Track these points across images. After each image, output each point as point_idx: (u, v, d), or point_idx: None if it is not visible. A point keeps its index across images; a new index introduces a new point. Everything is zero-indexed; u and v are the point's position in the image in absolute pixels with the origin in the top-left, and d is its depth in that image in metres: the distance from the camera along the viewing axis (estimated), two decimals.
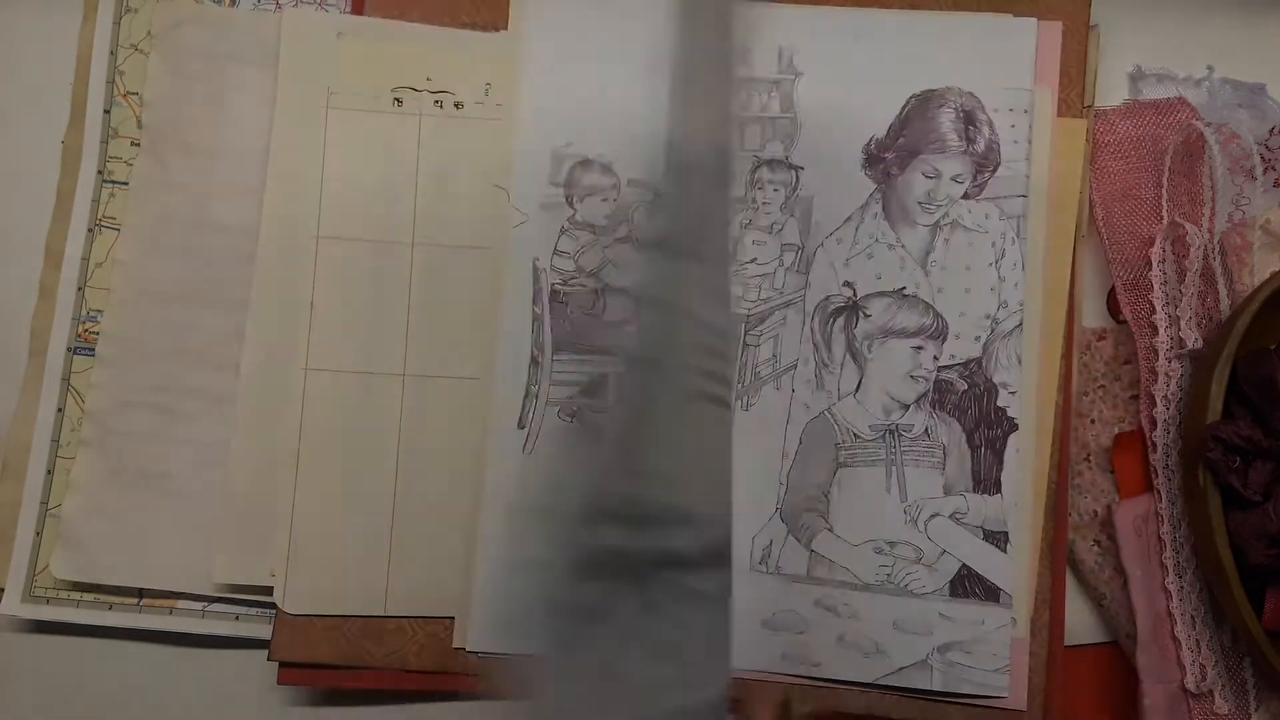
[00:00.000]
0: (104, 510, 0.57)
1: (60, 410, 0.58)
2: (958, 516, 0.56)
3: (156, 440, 0.58)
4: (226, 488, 0.57)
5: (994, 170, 0.58)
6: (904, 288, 0.58)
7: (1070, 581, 0.56)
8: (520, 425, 0.57)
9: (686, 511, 0.33)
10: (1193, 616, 0.51)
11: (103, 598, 0.57)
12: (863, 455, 0.57)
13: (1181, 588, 0.51)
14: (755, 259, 0.57)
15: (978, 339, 0.57)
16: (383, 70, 0.59)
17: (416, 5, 0.61)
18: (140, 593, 0.58)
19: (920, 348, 0.57)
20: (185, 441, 0.58)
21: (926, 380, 0.57)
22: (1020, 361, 0.57)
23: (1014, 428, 0.56)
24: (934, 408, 0.57)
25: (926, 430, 0.57)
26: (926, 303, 0.57)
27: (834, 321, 0.57)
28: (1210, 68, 0.58)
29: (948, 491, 0.56)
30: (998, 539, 0.55)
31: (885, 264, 0.58)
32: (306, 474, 0.57)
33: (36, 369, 0.58)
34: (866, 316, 0.57)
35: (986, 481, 0.56)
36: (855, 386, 0.58)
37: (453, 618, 0.56)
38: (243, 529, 0.56)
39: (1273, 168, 0.54)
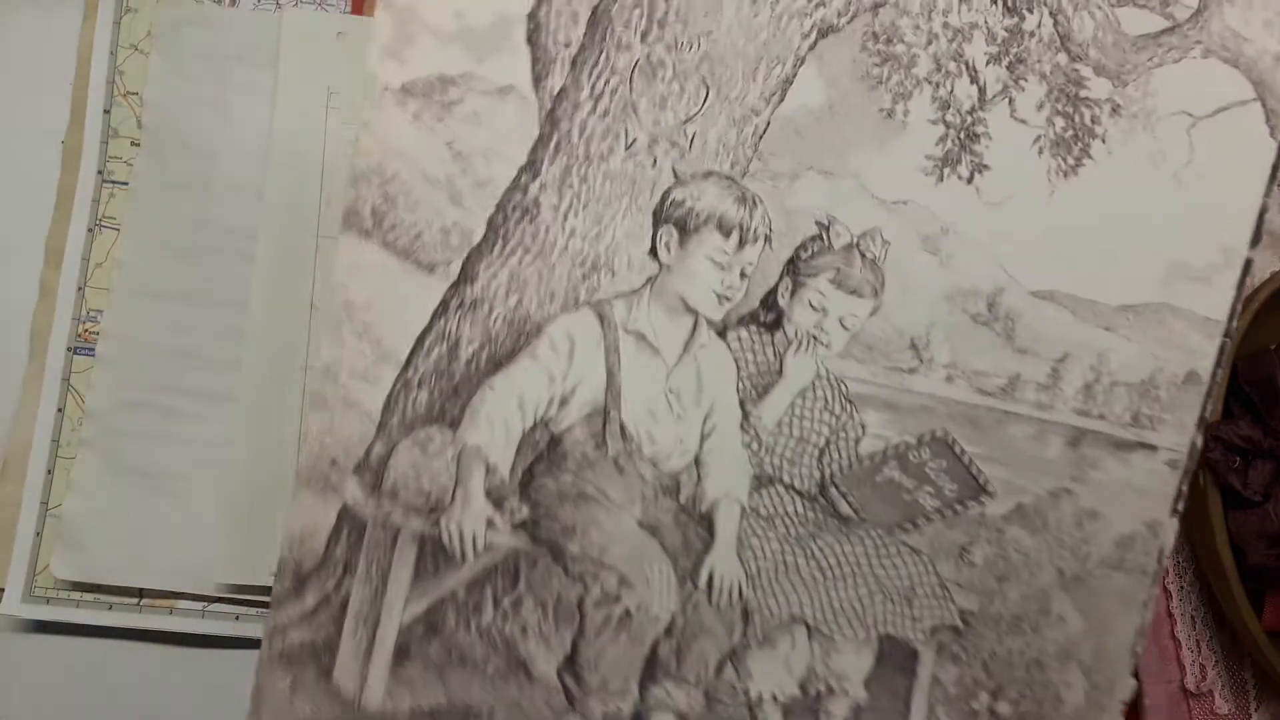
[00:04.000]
0: (104, 510, 0.57)
1: (60, 410, 0.58)
2: None
3: (156, 440, 0.58)
4: (226, 487, 0.57)
5: None
6: None
7: None
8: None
9: None
10: (1193, 616, 0.52)
11: (103, 598, 0.57)
12: None
13: (1181, 588, 0.53)
14: None
15: None
16: None
17: None
18: (140, 593, 0.58)
19: None
20: (185, 441, 0.58)
21: None
22: None
23: None
24: None
25: None
26: None
27: None
28: None
29: None
30: None
31: None
32: None
33: (36, 369, 0.58)
34: None
35: None
36: None
37: None
38: (243, 529, 0.56)
39: None
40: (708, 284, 0.53)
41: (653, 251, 0.53)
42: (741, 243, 0.53)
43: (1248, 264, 0.52)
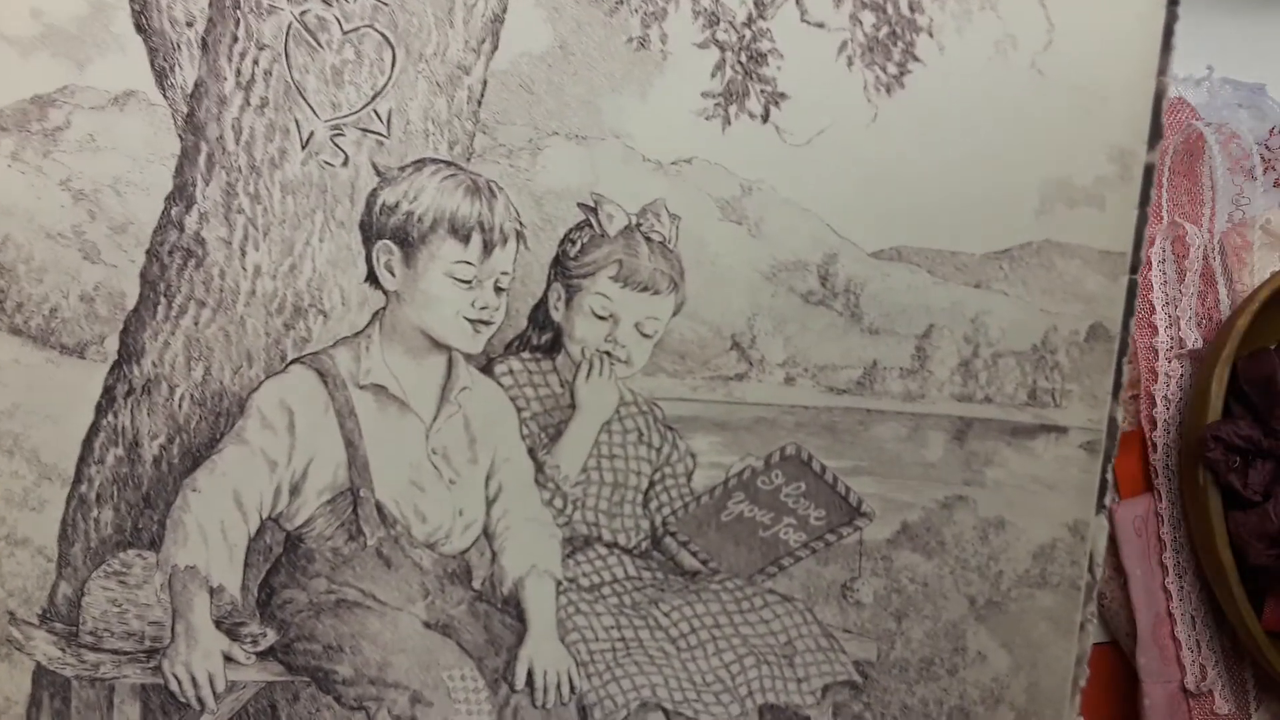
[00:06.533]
0: None
1: None
2: None
3: None
4: None
5: None
6: None
7: None
8: None
9: None
10: (1193, 616, 0.53)
11: None
12: None
13: (1181, 588, 0.53)
14: None
15: None
16: None
17: None
18: None
19: None
20: None
21: None
22: None
23: None
24: None
25: None
26: None
27: None
28: (1210, 68, 0.57)
29: None
30: None
31: None
32: None
33: None
34: None
35: None
36: None
37: None
38: None
39: (1273, 168, 0.55)
40: (454, 308, 0.42)
41: (371, 278, 0.41)
42: (486, 247, 0.41)
43: (1149, 171, 0.39)
